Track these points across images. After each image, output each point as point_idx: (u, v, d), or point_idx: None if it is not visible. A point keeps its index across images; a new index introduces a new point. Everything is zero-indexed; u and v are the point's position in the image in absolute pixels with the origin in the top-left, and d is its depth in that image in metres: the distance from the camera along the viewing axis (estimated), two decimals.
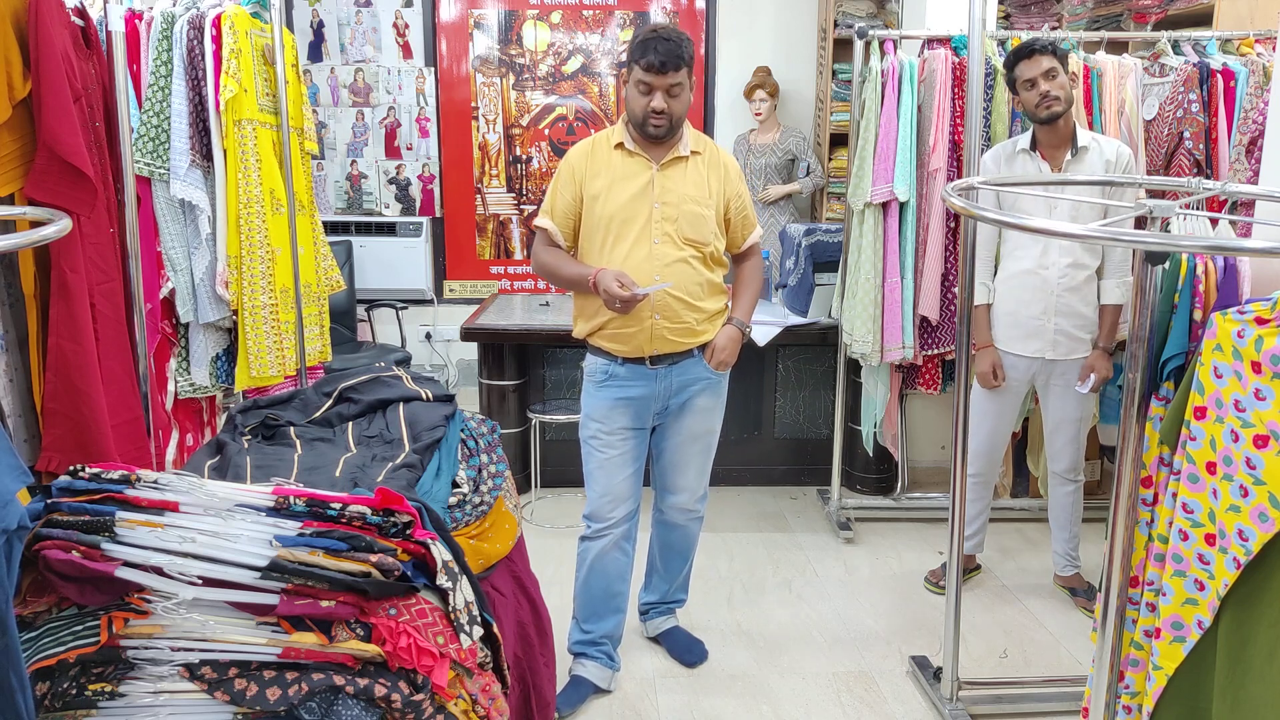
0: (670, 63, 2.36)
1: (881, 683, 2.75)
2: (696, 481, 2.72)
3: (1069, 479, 3.10)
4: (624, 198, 2.47)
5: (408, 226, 5.55)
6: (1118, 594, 1.79)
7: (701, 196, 2.50)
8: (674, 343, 2.52)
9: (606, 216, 2.46)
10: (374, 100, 5.51)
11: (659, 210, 2.47)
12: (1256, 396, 1.54)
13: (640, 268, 2.44)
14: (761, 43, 5.39)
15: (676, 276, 2.47)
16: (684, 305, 2.50)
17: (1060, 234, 1.97)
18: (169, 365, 2.93)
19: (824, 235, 3.90)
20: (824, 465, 4.01)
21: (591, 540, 2.63)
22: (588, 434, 2.62)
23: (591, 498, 2.63)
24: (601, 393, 2.57)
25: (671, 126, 2.44)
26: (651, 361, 2.53)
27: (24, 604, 1.35)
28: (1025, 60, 2.82)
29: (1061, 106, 2.81)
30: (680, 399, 2.60)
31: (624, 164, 2.49)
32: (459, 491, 1.94)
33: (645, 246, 2.46)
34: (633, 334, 2.50)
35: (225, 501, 1.38)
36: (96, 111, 2.30)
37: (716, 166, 2.56)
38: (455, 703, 1.43)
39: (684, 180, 2.50)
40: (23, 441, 2.22)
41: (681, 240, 2.48)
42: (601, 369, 2.57)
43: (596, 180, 2.49)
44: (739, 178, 2.62)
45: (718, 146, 2.62)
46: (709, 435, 2.69)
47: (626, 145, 2.50)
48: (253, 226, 2.88)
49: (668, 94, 2.39)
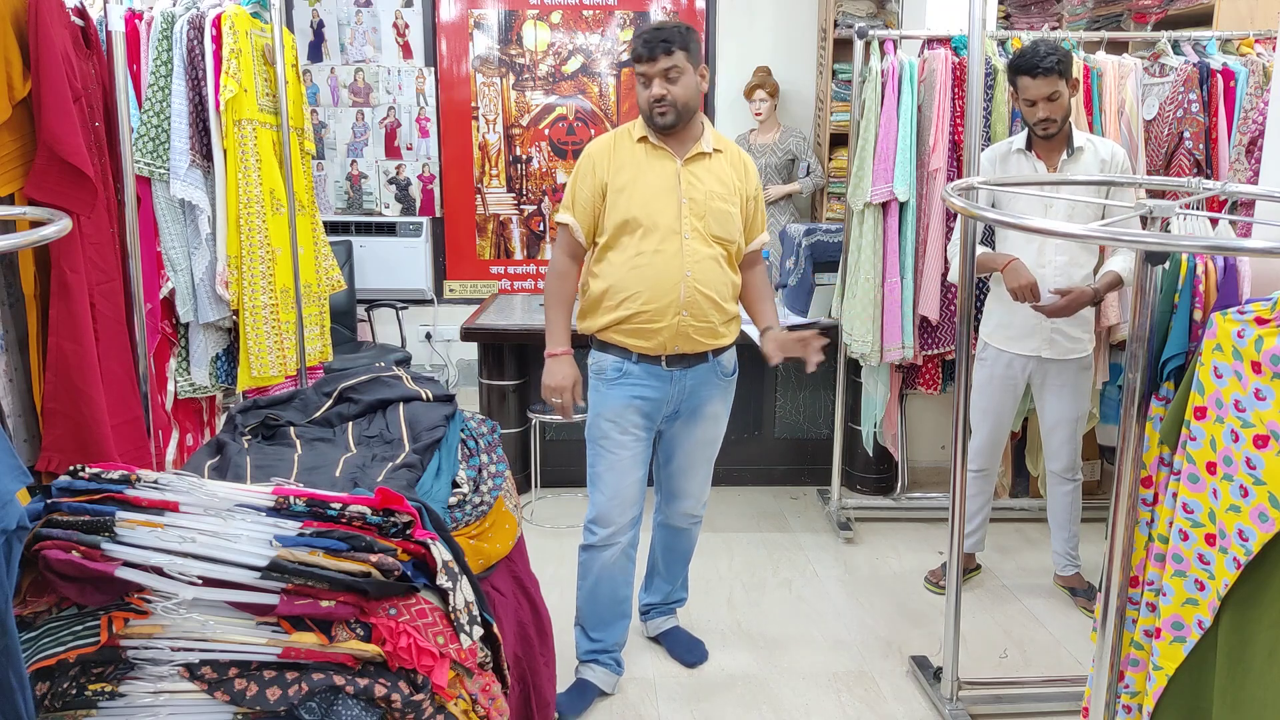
0: (658, 47, 2.33)
1: (881, 683, 2.75)
2: (702, 487, 2.71)
3: (1067, 479, 3.10)
4: (650, 192, 2.42)
5: (408, 226, 5.54)
6: (1118, 594, 1.79)
7: (727, 194, 2.47)
8: (696, 342, 2.47)
9: (634, 211, 2.41)
10: (374, 100, 5.51)
11: (687, 206, 2.42)
12: (1256, 396, 1.54)
13: (670, 264, 2.40)
14: (761, 43, 5.38)
15: (707, 274, 2.43)
16: (712, 304, 2.46)
17: (1061, 234, 1.97)
18: (169, 365, 2.93)
19: (824, 235, 3.90)
20: (824, 465, 4.01)
21: (598, 549, 2.57)
22: (597, 434, 2.55)
23: (598, 501, 2.56)
24: (615, 390, 2.50)
25: (678, 112, 2.39)
26: (668, 362, 2.48)
27: (24, 604, 1.35)
28: (1030, 78, 2.79)
29: (1057, 129, 2.83)
30: (691, 403, 2.55)
31: (649, 158, 2.45)
32: (459, 491, 1.94)
33: (675, 242, 2.41)
34: (658, 329, 2.43)
35: (225, 501, 1.38)
36: (96, 111, 2.30)
37: (738, 165, 2.53)
38: (455, 703, 1.43)
39: (709, 177, 2.46)
40: (23, 441, 2.22)
41: (710, 237, 2.44)
42: (614, 366, 2.50)
43: (621, 174, 2.44)
44: (757, 177, 2.60)
45: (740, 149, 2.60)
46: (716, 441, 2.67)
47: (651, 139, 2.45)
48: (253, 226, 2.88)
49: (665, 79, 2.35)
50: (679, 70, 2.36)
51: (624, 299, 2.43)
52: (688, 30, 2.40)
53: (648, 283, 2.41)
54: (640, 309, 2.42)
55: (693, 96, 2.41)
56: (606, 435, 2.53)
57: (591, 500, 2.59)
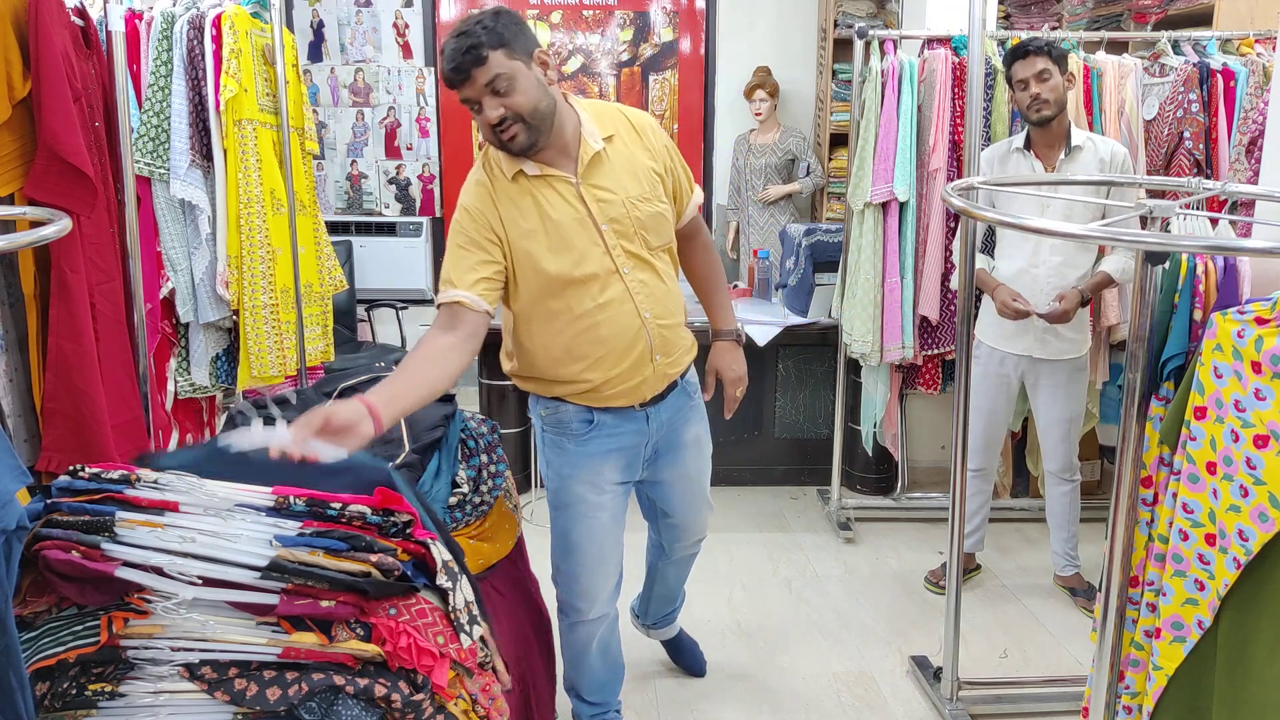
0: (464, 59, 1.78)
1: (881, 683, 2.75)
2: (705, 514, 2.42)
3: (1065, 479, 3.11)
4: (560, 237, 1.91)
5: (408, 226, 5.54)
6: (1118, 594, 1.79)
7: (647, 190, 2.00)
8: (672, 376, 2.12)
9: (551, 268, 1.92)
10: (374, 100, 5.51)
11: (610, 231, 1.94)
12: (1256, 396, 1.54)
13: (623, 312, 1.97)
14: (761, 43, 5.38)
15: (663, 303, 2.03)
16: (678, 331, 2.10)
17: (1061, 234, 1.97)
18: (169, 365, 2.93)
19: (824, 235, 3.90)
20: (824, 465, 4.01)
21: (587, 624, 2.23)
22: (567, 499, 2.12)
23: (581, 578, 2.17)
24: (586, 448, 2.08)
25: (531, 126, 1.84)
26: (641, 404, 2.10)
27: (24, 604, 1.35)
28: (1020, 60, 2.82)
29: (1051, 110, 2.81)
30: (670, 439, 2.19)
31: (538, 193, 1.92)
32: (459, 491, 1.94)
33: (616, 284, 1.96)
34: (634, 387, 2.04)
35: (225, 501, 1.38)
36: (96, 111, 2.30)
37: (634, 138, 2.02)
38: (455, 703, 1.43)
39: (618, 179, 1.97)
40: (23, 441, 2.22)
41: (650, 252, 2.01)
42: (580, 420, 2.07)
43: (519, 223, 1.91)
44: (657, 131, 2.08)
45: (624, 111, 2.06)
46: (707, 468, 2.35)
47: (528, 171, 1.92)
48: (253, 226, 2.88)
49: (493, 94, 1.80)
50: (506, 76, 1.80)
51: (581, 370, 2.00)
52: (496, 18, 1.80)
53: (606, 345, 1.98)
54: (606, 377, 2.01)
55: (540, 98, 1.84)
56: (581, 499, 2.11)
57: (567, 573, 2.19)
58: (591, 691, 2.37)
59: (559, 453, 2.12)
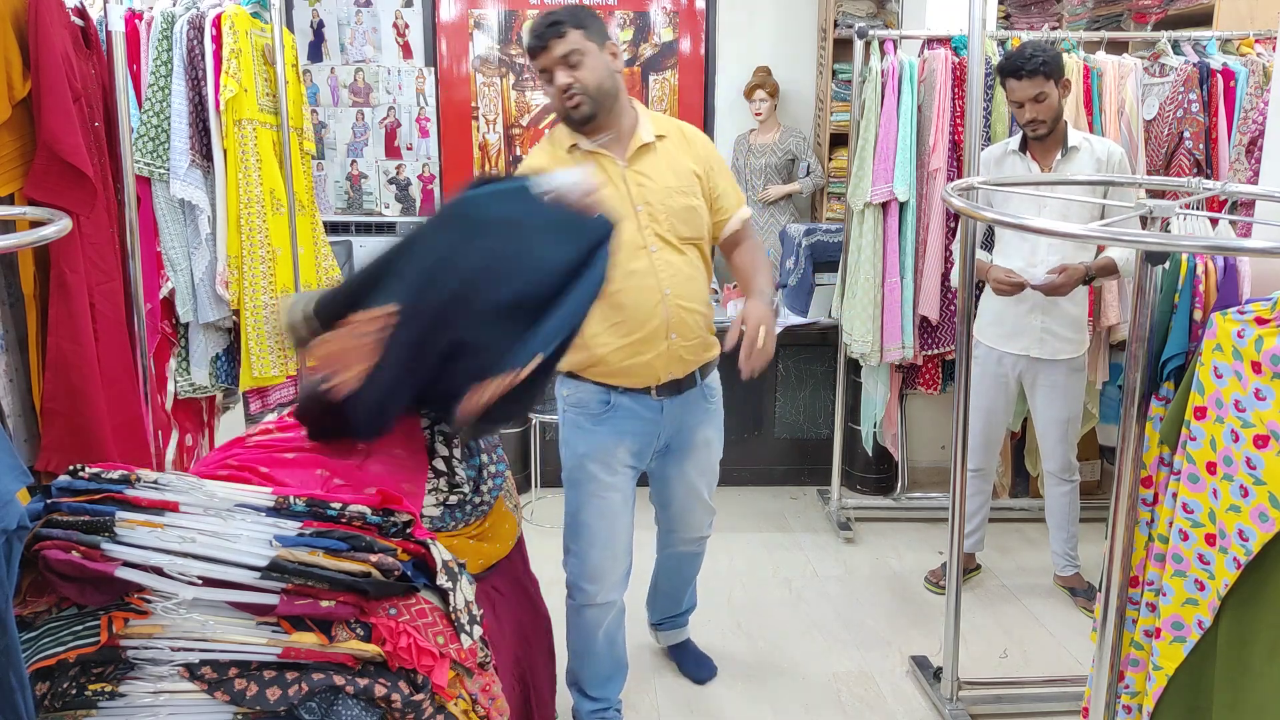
0: (547, 33, 2.06)
1: (881, 683, 2.75)
2: (702, 516, 2.54)
3: (1064, 479, 3.11)
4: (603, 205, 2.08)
5: (408, 227, 5.53)
6: (1118, 594, 1.79)
7: (685, 185, 2.19)
8: (688, 363, 2.24)
9: None
10: (374, 100, 5.51)
11: (644, 212, 2.15)
12: (1256, 396, 1.54)
13: (644, 284, 2.14)
14: (761, 43, 5.38)
15: (686, 287, 2.18)
16: (698, 316, 2.23)
17: (1061, 234, 1.97)
18: (169, 365, 2.93)
19: (824, 235, 3.90)
20: (824, 465, 4.01)
21: (595, 609, 2.33)
22: (580, 477, 2.26)
23: (590, 557, 2.28)
24: (602, 427, 2.23)
25: (593, 99, 2.10)
26: (658, 391, 2.23)
27: (24, 604, 1.35)
28: (1015, 79, 2.79)
29: (1046, 129, 2.82)
30: (682, 437, 2.34)
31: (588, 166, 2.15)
32: (459, 491, 1.94)
33: (643, 258, 2.14)
34: (646, 363, 2.17)
35: (225, 501, 1.38)
36: (96, 111, 2.30)
37: (683, 143, 2.25)
38: (455, 703, 1.43)
39: (659, 170, 2.18)
40: (23, 441, 2.22)
41: (679, 241, 2.19)
42: (599, 400, 2.23)
43: None
44: (709, 144, 2.32)
45: (680, 123, 2.31)
46: (715, 469, 2.49)
47: (582, 145, 2.16)
48: (253, 226, 2.88)
49: (566, 66, 2.07)
50: (580, 52, 2.07)
51: (594, 334, 2.13)
52: (580, 8, 2.13)
53: (624, 312, 2.14)
54: (621, 343, 2.15)
55: (605, 78, 2.11)
56: (594, 478, 2.25)
57: (576, 554, 2.31)
58: (594, 685, 2.43)
59: (576, 430, 2.27)
